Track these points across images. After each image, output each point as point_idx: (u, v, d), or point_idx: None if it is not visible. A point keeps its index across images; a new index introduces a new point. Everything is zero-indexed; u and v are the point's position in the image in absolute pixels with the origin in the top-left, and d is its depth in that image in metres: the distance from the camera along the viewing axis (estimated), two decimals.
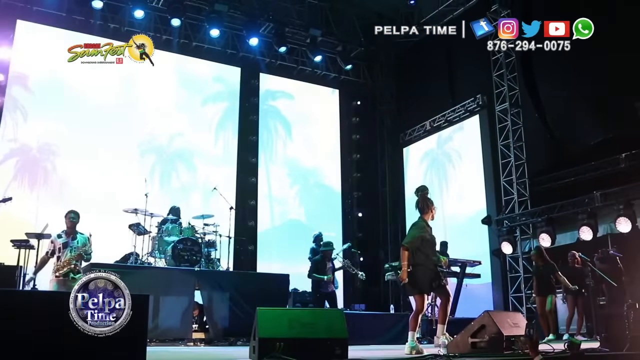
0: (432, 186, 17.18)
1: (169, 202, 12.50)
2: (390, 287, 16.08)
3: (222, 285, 9.98)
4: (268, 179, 16.94)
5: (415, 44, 17.73)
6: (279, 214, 17.09)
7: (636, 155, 11.94)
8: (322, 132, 18.39)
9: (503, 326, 6.69)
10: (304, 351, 5.22)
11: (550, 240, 12.66)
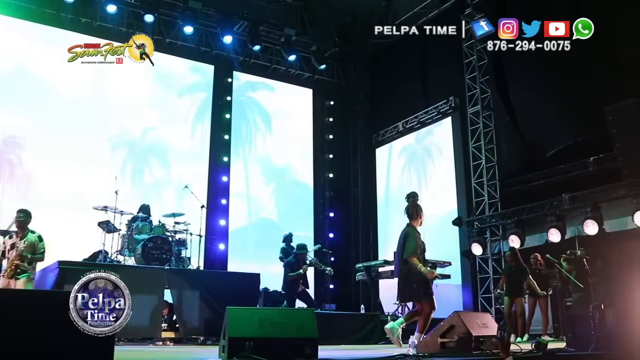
0: (405, 187, 17.27)
1: (140, 199, 12.37)
2: (361, 288, 16.12)
3: (192, 284, 9.89)
4: (240, 178, 16.86)
5: (389, 45, 17.82)
6: (251, 213, 17.02)
7: (604, 159, 12.15)
8: (296, 131, 18.36)
9: (472, 326, 6.75)
10: (273, 351, 5.21)
11: (520, 242, 12.81)
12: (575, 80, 12.52)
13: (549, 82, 13.27)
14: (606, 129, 11.27)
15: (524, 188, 13.71)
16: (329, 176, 18.64)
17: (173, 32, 15.87)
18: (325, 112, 19.07)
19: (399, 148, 17.88)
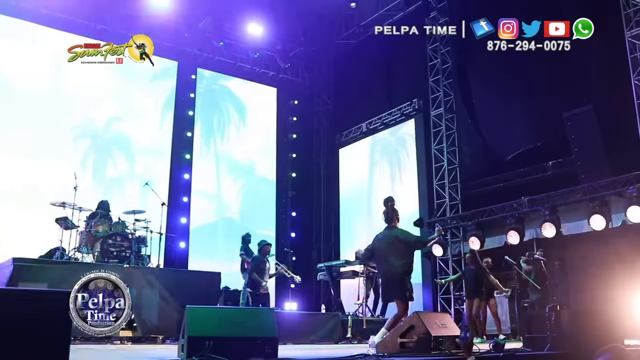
0: (367, 188, 17.37)
1: (100, 195, 12.18)
2: (322, 287, 16.14)
3: (151, 283, 9.74)
4: (202, 176, 16.68)
5: (355, 46, 17.91)
6: (213, 211, 16.87)
7: (562, 163, 12.40)
8: (259, 130, 18.29)
9: (431, 327, 6.80)
10: (233, 350, 5.16)
11: (480, 244, 12.97)
12: (536, 86, 12.76)
13: (511, 88, 13.47)
14: (565, 134, 11.49)
15: (485, 190, 13.90)
16: (292, 175, 18.61)
17: (141, 29, 15.54)
18: (289, 111, 19.03)
19: (362, 149, 17.95)
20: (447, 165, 14.47)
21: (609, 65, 11.82)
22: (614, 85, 11.76)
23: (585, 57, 12.05)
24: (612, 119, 11.49)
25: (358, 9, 17.25)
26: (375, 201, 17.13)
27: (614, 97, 11.72)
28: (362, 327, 10.82)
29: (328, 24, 18.42)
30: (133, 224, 11.29)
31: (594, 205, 11.26)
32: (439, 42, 15.01)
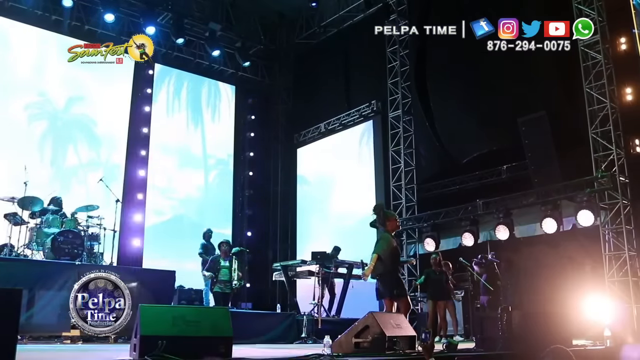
0: (325, 188, 17.40)
1: (51, 187, 11.86)
2: (277, 287, 16.09)
3: None
4: (158, 172, 16.44)
5: (315, 46, 17.95)
6: (168, 209, 16.65)
7: (516, 167, 12.64)
8: (217, 128, 18.11)
9: (386, 327, 6.83)
10: (187, 349, 5.08)
11: (435, 245, 13.13)
12: (492, 92, 12.99)
13: (468, 92, 13.69)
14: (519, 139, 11.71)
15: (441, 193, 14.07)
16: (249, 174, 18.49)
17: (93, 19, 15.28)
18: (247, 109, 18.91)
19: (320, 149, 17.96)
20: (404, 167, 14.58)
21: (563, 72, 12.09)
22: (567, 92, 12.05)
23: (541, 64, 12.32)
24: (565, 126, 11.77)
25: (318, 10, 17.27)
26: (332, 201, 17.19)
27: (567, 104, 12.01)
28: (317, 327, 10.81)
29: (289, 23, 18.40)
30: (86, 221, 11.06)
31: (546, 209, 11.51)
32: (398, 45, 15.13)
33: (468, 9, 13.63)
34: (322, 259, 12.12)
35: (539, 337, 6.98)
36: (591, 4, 11.53)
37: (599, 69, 11.37)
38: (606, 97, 11.17)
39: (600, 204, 11.08)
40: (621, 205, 10.83)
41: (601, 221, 11.05)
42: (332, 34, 17.47)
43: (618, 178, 10.90)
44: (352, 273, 12.97)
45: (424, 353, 6.04)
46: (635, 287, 10.49)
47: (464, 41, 13.71)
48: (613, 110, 11.16)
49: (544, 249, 12.04)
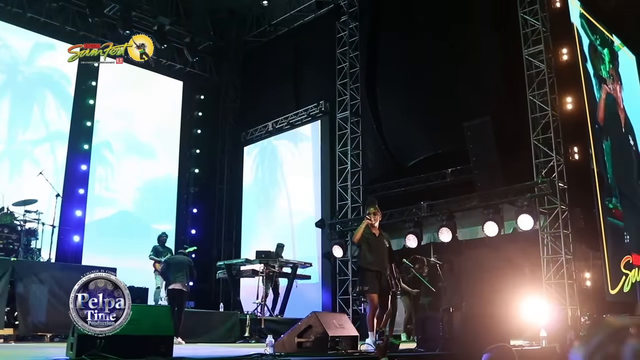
0: (271, 187, 17.34)
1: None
2: (221, 285, 15.93)
3: (41, 278, 9.25)
4: (101, 167, 16.04)
5: (264, 44, 17.88)
6: (111, 205, 16.25)
7: (460, 170, 12.84)
8: (163, 123, 17.78)
9: (329, 327, 6.86)
10: (126, 348, 4.98)
11: None
12: (439, 96, 13.18)
13: (415, 96, 13.85)
14: (464, 143, 11.91)
15: (386, 194, 14.16)
16: (194, 171, 18.26)
17: (36, 6, 14.77)
18: (194, 106, 18.64)
19: (267, 148, 17.89)
20: (351, 167, 14.65)
21: (508, 80, 12.38)
22: (511, 99, 12.33)
23: (487, 70, 12.59)
24: (508, 131, 12.04)
25: (269, 8, 17.19)
26: (277, 201, 17.13)
27: (511, 111, 12.29)
28: (261, 326, 10.78)
29: (239, 20, 18.26)
30: (23, 215, 10.71)
31: (488, 212, 11.74)
32: (348, 47, 15.19)
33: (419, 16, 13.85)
34: (267, 258, 12.09)
35: (478, 337, 7.11)
36: (536, 15, 11.84)
37: (541, 77, 11.68)
38: (548, 105, 11.49)
39: (539, 208, 11.38)
40: (559, 210, 11.16)
41: (540, 225, 11.36)
42: (282, 32, 17.43)
43: (557, 184, 11.22)
44: (297, 273, 12.97)
45: (377, 352, 6.09)
46: (570, 290, 10.82)
47: (413, 45, 13.96)
48: (554, 118, 11.48)
49: (486, 251, 12.30)
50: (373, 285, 7.40)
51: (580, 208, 11.40)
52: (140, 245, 12.36)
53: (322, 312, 8.32)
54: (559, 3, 12.15)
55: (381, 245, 7.78)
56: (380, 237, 7.85)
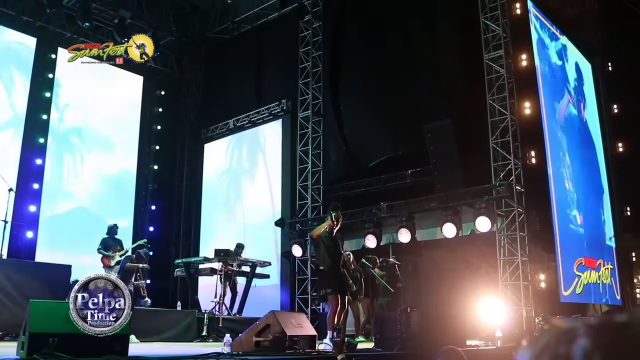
0: (231, 185, 17.24)
1: None
2: (179, 284, 15.77)
3: None
4: (57, 162, 15.69)
5: (227, 41, 17.76)
6: (66, 200, 15.90)
7: (420, 172, 12.97)
8: (121, 118, 17.48)
9: (287, 326, 6.85)
10: (80, 347, 4.87)
11: None
12: (400, 98, 13.29)
13: (377, 97, 13.94)
14: (424, 145, 12.04)
15: (346, 194, 14.21)
16: (153, 168, 18.00)
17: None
18: (155, 101, 18.37)
19: (228, 145, 17.76)
20: (311, 167, 14.65)
21: (469, 83, 12.55)
22: (472, 102, 12.51)
23: (449, 73, 12.75)
24: (468, 134, 12.22)
25: (233, 5, 17.07)
26: (237, 199, 17.04)
27: (471, 114, 12.47)
28: (219, 325, 10.69)
29: (202, 15, 18.08)
30: None
31: (447, 214, 11.87)
32: (311, 46, 15.20)
33: (383, 18, 13.93)
34: (225, 256, 11.99)
35: (435, 337, 7.19)
36: (497, 20, 12.03)
37: (501, 82, 11.87)
38: (507, 110, 11.68)
39: (497, 211, 11.56)
40: (516, 212, 11.35)
41: (497, 227, 11.54)
42: (245, 30, 17.33)
43: (514, 187, 11.42)
44: (255, 272, 12.91)
45: (334, 350, 6.10)
46: (525, 291, 11.03)
47: (375, 46, 14.04)
48: (513, 122, 11.68)
49: (444, 252, 12.46)
50: (335, 286, 7.57)
51: (537, 211, 11.64)
52: (96, 242, 12.10)
53: (280, 311, 8.30)
54: (519, 10, 12.40)
55: (337, 248, 8.02)
56: (336, 240, 8.07)
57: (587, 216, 13.36)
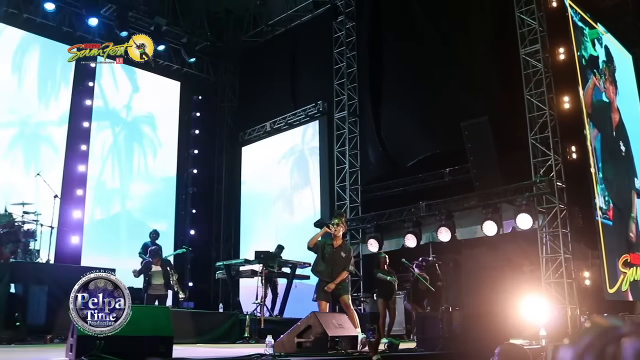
0: (269, 188, 17.33)
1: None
2: (220, 286, 15.92)
3: (40, 279, 9.24)
4: (100, 168, 16.03)
5: (262, 44, 17.88)
6: (110, 206, 16.24)
7: (459, 170, 12.87)
8: (161, 124, 17.77)
9: (328, 327, 6.85)
10: (126, 349, 4.97)
11: (378, 246, 13.23)
12: (437, 96, 13.18)
13: (413, 96, 13.84)
14: (462, 143, 11.93)
15: (385, 194, 14.19)
16: (193, 172, 18.23)
17: (32, 7, 14.69)
18: (192, 106, 18.63)
19: (265, 148, 17.87)
20: (349, 167, 14.66)
21: (505, 79, 12.39)
22: (509, 98, 12.34)
23: (485, 70, 12.60)
24: (506, 131, 12.06)
25: (266, 8, 17.20)
26: (276, 201, 17.14)
27: (509, 110, 12.31)
28: (260, 326, 10.76)
29: (236, 20, 18.26)
30: (21, 217, 10.69)
31: (487, 212, 11.76)
32: (345, 47, 15.20)
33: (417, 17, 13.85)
34: (266, 258, 12.07)
35: (478, 337, 7.12)
36: (532, 15, 11.86)
37: (538, 77, 11.70)
38: (545, 105, 11.51)
39: (538, 207, 11.40)
40: (558, 209, 11.18)
41: (539, 224, 11.38)
42: (279, 32, 17.43)
43: (555, 183, 11.24)
44: (296, 273, 12.96)
45: (369, 350, 6.09)
46: (569, 289, 10.84)
47: (410, 45, 13.96)
48: (551, 117, 11.51)
49: (484, 251, 12.32)
50: (320, 294, 7.90)
51: (579, 207, 11.43)
52: (139, 246, 12.34)
53: (321, 312, 8.31)
54: (555, 2, 12.18)
55: (337, 257, 8.08)
56: (338, 249, 8.12)
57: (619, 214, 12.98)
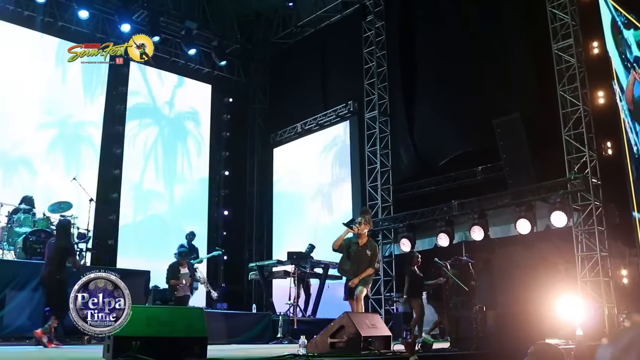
0: (301, 188, 17.38)
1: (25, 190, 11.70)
2: (253, 287, 16.04)
3: (77, 281, 9.41)
4: (133, 171, 16.26)
5: (291, 46, 17.96)
6: (143, 209, 16.47)
7: (491, 168, 12.74)
8: (192, 127, 17.99)
9: (361, 327, 6.85)
10: (161, 350, 5.05)
11: (410, 245, 13.17)
12: (468, 93, 13.06)
13: (445, 94, 13.74)
14: (494, 141, 11.81)
15: (416, 193, 14.12)
16: (224, 174, 18.39)
17: (67, 15, 15.03)
18: (223, 108, 18.80)
19: (297, 149, 17.92)
20: (380, 167, 14.61)
21: (538, 75, 12.22)
22: (541, 94, 12.17)
23: (517, 66, 12.45)
24: (539, 127, 11.89)
25: (295, 10, 17.27)
26: (308, 202, 17.17)
27: (541, 107, 12.13)
28: (293, 327, 10.81)
29: (265, 22, 18.37)
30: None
31: (521, 210, 11.61)
32: (374, 46, 15.16)
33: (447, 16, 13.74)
34: (298, 259, 12.13)
35: (513, 336, 7.04)
36: (565, 9, 11.67)
37: (572, 72, 11.50)
38: (579, 100, 11.31)
39: (573, 205, 11.21)
40: (593, 206, 10.97)
41: (574, 222, 11.19)
42: (309, 33, 17.48)
43: (590, 180, 11.03)
44: (328, 273, 12.98)
45: (406, 350, 6.06)
46: (606, 287, 10.64)
47: (441, 43, 13.86)
48: (586, 113, 11.30)
49: (518, 249, 12.16)
50: (348, 292, 8.25)
51: (615, 204, 11.19)
52: (173, 248, 12.50)
53: (354, 312, 8.31)
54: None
55: (362, 255, 8.33)
56: (363, 247, 8.36)
57: None
